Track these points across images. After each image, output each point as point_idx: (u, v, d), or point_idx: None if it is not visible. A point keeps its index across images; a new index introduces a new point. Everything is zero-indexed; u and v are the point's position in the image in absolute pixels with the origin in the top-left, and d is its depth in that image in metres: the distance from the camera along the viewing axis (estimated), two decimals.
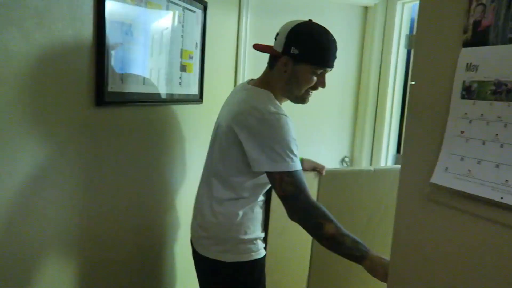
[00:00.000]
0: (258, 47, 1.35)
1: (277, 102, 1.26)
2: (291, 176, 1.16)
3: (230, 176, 1.27)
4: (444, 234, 0.79)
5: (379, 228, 1.57)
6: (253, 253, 1.31)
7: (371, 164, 2.38)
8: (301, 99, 1.31)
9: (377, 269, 1.09)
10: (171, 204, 1.64)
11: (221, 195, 1.29)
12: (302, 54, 1.22)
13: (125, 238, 1.39)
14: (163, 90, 1.47)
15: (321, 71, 1.26)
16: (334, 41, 1.27)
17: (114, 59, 1.19)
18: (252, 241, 1.32)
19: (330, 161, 2.39)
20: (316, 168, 1.54)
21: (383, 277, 1.07)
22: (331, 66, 1.27)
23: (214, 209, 1.31)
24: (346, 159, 2.42)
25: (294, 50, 1.22)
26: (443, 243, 0.79)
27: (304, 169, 1.45)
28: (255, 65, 2.08)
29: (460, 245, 0.76)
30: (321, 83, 1.28)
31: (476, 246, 0.73)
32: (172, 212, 1.64)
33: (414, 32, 2.22)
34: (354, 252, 1.12)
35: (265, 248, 1.36)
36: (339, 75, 2.32)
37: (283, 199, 1.18)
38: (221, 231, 1.30)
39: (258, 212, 1.35)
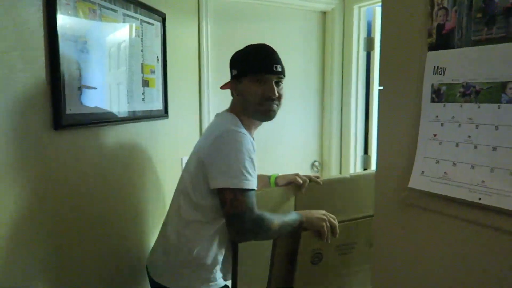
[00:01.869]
0: (222, 87, 1.44)
1: (239, 122, 1.29)
2: (244, 194, 1.16)
3: (197, 198, 1.26)
4: (424, 237, 0.79)
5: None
6: (210, 282, 1.29)
7: (340, 167, 2.41)
8: (263, 113, 1.31)
9: (313, 222, 1.25)
10: (144, 227, 1.57)
11: (187, 216, 1.28)
12: (239, 71, 1.32)
13: (96, 269, 1.31)
14: (125, 108, 1.41)
15: (261, 79, 1.28)
16: (267, 49, 1.33)
17: (70, 79, 1.12)
18: (210, 268, 1.29)
19: (300, 166, 2.39)
20: (290, 181, 1.46)
21: (320, 224, 1.24)
22: (268, 71, 1.28)
23: (179, 231, 1.29)
24: (316, 163, 2.43)
25: (234, 72, 1.35)
26: (424, 246, 0.79)
27: (279, 185, 1.47)
28: (219, 75, 2.05)
29: (440, 247, 0.76)
30: (269, 90, 1.28)
31: (457, 247, 0.73)
32: (145, 236, 1.58)
33: (372, 34, 2.28)
34: (294, 224, 1.23)
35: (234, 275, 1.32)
36: (303, 80, 2.33)
37: (232, 217, 1.17)
38: (181, 255, 1.28)
39: (224, 240, 1.32)
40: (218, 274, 1.33)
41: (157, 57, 1.60)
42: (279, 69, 1.30)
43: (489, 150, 0.67)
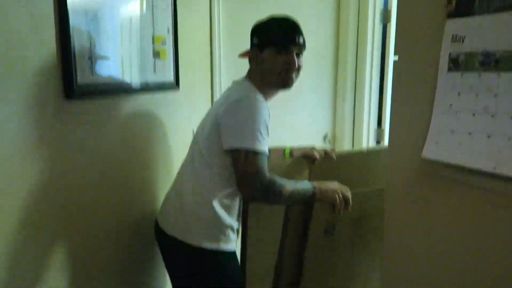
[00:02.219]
0: (241, 56, 1.46)
1: (256, 90, 1.31)
2: (256, 156, 1.19)
3: (210, 157, 1.29)
4: (438, 207, 0.78)
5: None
6: (221, 243, 1.31)
7: (353, 140, 2.39)
8: (281, 83, 1.35)
9: (326, 193, 1.26)
10: (154, 196, 1.60)
11: (201, 174, 1.31)
12: (261, 41, 1.35)
13: (105, 234, 1.34)
14: (136, 79, 1.41)
15: (283, 50, 1.31)
16: (291, 21, 1.35)
17: (81, 49, 1.12)
18: (223, 228, 1.31)
19: (312, 139, 2.38)
20: (305, 153, 1.48)
21: (333, 197, 1.25)
22: (291, 43, 1.32)
23: (192, 187, 1.32)
24: (329, 136, 2.42)
25: (255, 41, 1.37)
26: (437, 216, 0.79)
27: (293, 157, 1.51)
28: (231, 46, 2.03)
29: (454, 217, 0.76)
30: (290, 61, 1.32)
31: (471, 216, 0.73)
32: (154, 202, 1.60)
33: (389, 7, 2.20)
34: (307, 193, 1.24)
35: (244, 252, 1.35)
36: (317, 52, 2.29)
37: (243, 178, 1.20)
38: (193, 210, 1.31)
39: (235, 202, 1.35)
40: (231, 237, 1.34)
41: (168, 28, 1.58)
42: (301, 41, 1.34)
43: (507, 119, 0.65)
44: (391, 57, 2.21)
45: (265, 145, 1.22)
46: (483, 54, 0.68)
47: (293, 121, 2.28)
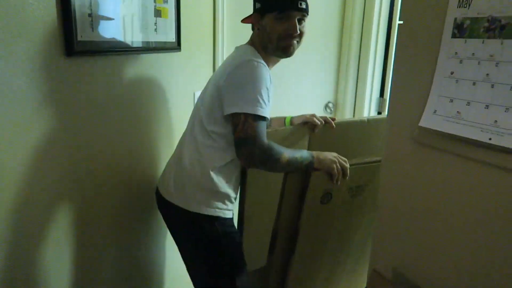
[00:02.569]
0: (244, 21, 1.45)
1: (258, 55, 1.30)
2: (256, 120, 1.19)
3: (209, 126, 1.30)
4: (433, 176, 0.79)
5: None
6: (217, 210, 1.34)
7: (354, 109, 2.38)
8: (282, 50, 1.32)
9: (324, 163, 1.25)
10: (154, 156, 1.61)
11: (201, 141, 1.31)
12: (262, 6, 1.32)
13: (108, 191, 1.37)
14: (138, 38, 1.39)
15: (284, 16, 1.28)
16: None
17: (81, 5, 1.10)
18: (220, 196, 1.34)
19: (314, 106, 2.37)
20: (306, 121, 1.48)
21: (329, 167, 1.25)
22: (292, 8, 1.28)
23: (191, 156, 1.34)
24: (330, 105, 2.41)
25: (257, 5, 1.34)
26: (432, 186, 0.79)
27: (294, 124, 1.50)
28: (235, 9, 1.98)
29: (449, 187, 0.76)
30: (291, 27, 1.29)
31: (466, 187, 0.73)
32: (155, 165, 1.62)
33: None
34: (305, 162, 1.25)
35: (241, 215, 1.37)
36: (321, 17, 2.23)
37: (241, 141, 1.20)
38: (193, 177, 1.33)
39: (233, 171, 1.36)
40: (228, 205, 1.37)
41: None
42: (303, 6, 1.29)
43: (506, 90, 0.65)
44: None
45: (265, 109, 1.21)
46: (488, 20, 0.67)
47: (295, 88, 2.26)
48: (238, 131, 1.20)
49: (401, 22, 0.84)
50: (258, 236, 1.47)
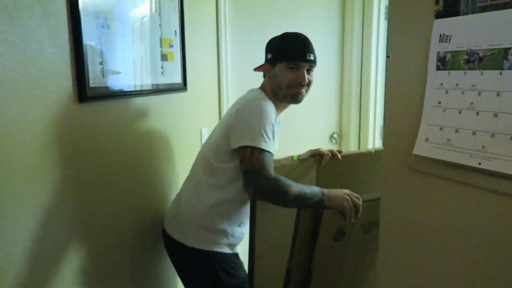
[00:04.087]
0: (256, 69, 1.54)
1: (266, 96, 1.39)
2: (261, 153, 1.25)
3: (214, 162, 1.37)
4: (428, 201, 0.81)
5: None
6: (214, 245, 1.38)
7: (359, 138, 2.41)
8: (292, 97, 1.41)
9: (335, 200, 1.24)
10: (162, 195, 1.65)
11: (202, 179, 1.39)
12: (274, 56, 1.42)
13: (116, 231, 1.40)
14: (147, 81, 1.47)
15: (294, 66, 1.38)
16: (303, 38, 1.41)
17: (93, 54, 1.18)
18: (216, 232, 1.38)
19: (319, 138, 2.41)
20: (313, 154, 1.52)
21: (341, 204, 1.23)
22: (301, 59, 1.38)
23: (190, 191, 1.42)
24: (335, 135, 2.45)
25: (269, 56, 1.45)
26: (427, 210, 0.82)
27: (302, 158, 1.54)
28: (238, 49, 2.07)
29: (443, 211, 0.79)
30: (300, 77, 1.38)
31: (459, 210, 0.76)
32: (163, 202, 1.66)
33: None
34: (315, 199, 1.25)
35: (251, 260, 1.38)
36: (322, 51, 2.31)
37: (248, 173, 1.25)
38: (188, 215, 1.40)
39: (230, 208, 1.40)
40: (225, 240, 1.40)
41: (175, 31, 1.63)
42: (312, 58, 1.40)
43: (490, 116, 0.68)
44: None
45: (269, 143, 1.27)
46: (467, 53, 0.71)
47: (299, 121, 2.31)
48: (245, 164, 1.25)
49: (389, 56, 0.89)
50: (270, 274, 1.45)
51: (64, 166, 1.13)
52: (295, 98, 1.41)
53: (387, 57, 0.89)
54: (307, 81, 1.39)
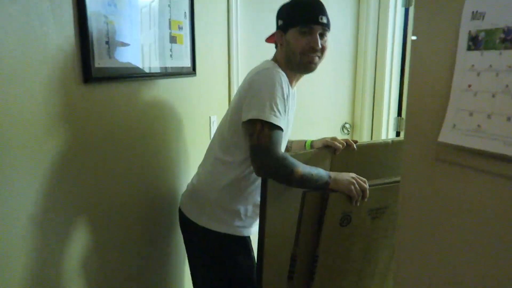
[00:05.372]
0: (267, 40, 1.47)
1: (278, 66, 1.32)
2: (271, 129, 1.20)
3: (229, 137, 1.33)
4: (454, 193, 0.76)
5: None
6: (226, 227, 1.36)
7: (372, 129, 2.35)
8: (304, 65, 1.34)
9: (341, 183, 1.22)
10: (171, 180, 1.62)
11: (218, 156, 1.36)
12: (285, 22, 1.34)
13: (125, 215, 1.37)
14: (155, 64, 1.42)
15: (306, 29, 1.30)
16: (314, 1, 1.33)
17: (98, 33, 1.13)
18: (229, 213, 1.36)
19: (331, 128, 2.35)
20: (326, 144, 1.45)
21: (347, 188, 1.21)
22: (313, 21, 1.30)
23: (207, 169, 1.39)
24: (347, 125, 2.39)
25: (279, 22, 1.37)
26: (453, 203, 0.76)
27: (314, 147, 1.49)
28: (249, 32, 2.01)
29: (472, 204, 0.73)
30: (313, 41, 1.31)
31: (489, 203, 0.70)
32: (174, 188, 1.62)
33: None
34: (321, 181, 1.22)
35: (261, 248, 1.35)
36: (335, 37, 2.25)
37: (255, 149, 1.21)
38: (203, 193, 1.38)
39: (245, 188, 1.36)
40: (236, 222, 1.38)
41: (185, 12, 1.58)
42: (324, 20, 1.32)
43: None
44: None
45: (280, 118, 1.22)
46: (504, 31, 0.65)
47: (311, 111, 2.25)
48: (253, 139, 1.21)
49: (415, 37, 0.83)
50: (279, 262, 1.43)
51: (68, 148, 1.09)
52: (309, 65, 1.34)
53: (412, 38, 0.83)
54: (320, 46, 1.32)
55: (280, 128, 1.22)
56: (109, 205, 1.28)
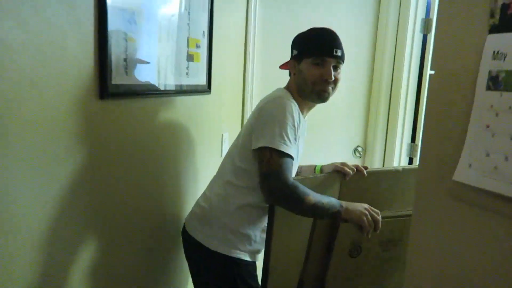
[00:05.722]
0: (281, 67, 1.48)
1: (290, 96, 1.33)
2: (281, 157, 1.20)
3: (240, 163, 1.33)
4: (467, 234, 0.74)
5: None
6: (235, 251, 1.34)
7: (384, 154, 2.32)
8: (317, 94, 1.35)
9: (353, 214, 1.20)
10: (180, 197, 1.61)
11: (228, 180, 1.35)
12: (299, 52, 1.36)
13: (133, 231, 1.36)
14: (170, 81, 1.43)
15: (320, 61, 1.31)
16: (330, 32, 1.35)
17: (117, 50, 1.15)
18: (240, 236, 1.34)
19: (343, 150, 2.34)
20: (337, 169, 1.43)
21: (359, 219, 1.19)
22: (328, 54, 1.31)
23: (217, 193, 1.38)
24: (359, 149, 2.36)
25: (294, 52, 1.38)
26: (466, 245, 0.74)
27: (324, 172, 1.48)
28: (265, 54, 2.02)
29: (485, 247, 0.71)
30: (326, 73, 1.31)
31: (504, 248, 0.68)
32: (183, 205, 1.62)
33: (430, 16, 2.13)
34: (332, 210, 1.20)
35: (265, 272, 1.32)
36: (351, 60, 2.24)
37: (265, 176, 1.20)
38: (214, 215, 1.36)
39: (256, 214, 1.36)
40: (247, 247, 1.36)
41: (203, 32, 1.60)
42: (339, 53, 1.32)
43: None
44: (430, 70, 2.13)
45: (290, 147, 1.21)
46: None
47: (323, 133, 2.24)
48: (263, 166, 1.21)
49: (433, 72, 0.82)
50: (284, 285, 1.40)
51: (81, 162, 1.10)
52: (321, 95, 1.34)
53: (430, 73, 0.82)
54: (333, 78, 1.32)
55: (290, 156, 1.21)
56: (119, 219, 1.28)
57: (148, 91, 1.32)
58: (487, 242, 0.70)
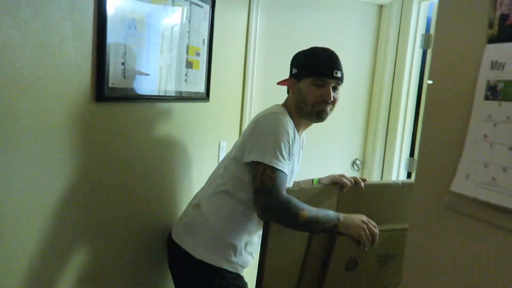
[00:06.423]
0: (279, 83, 1.49)
1: (286, 113, 1.33)
2: (274, 172, 1.19)
3: (235, 170, 1.32)
4: (465, 246, 0.72)
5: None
6: (220, 260, 1.33)
7: (383, 168, 2.31)
8: (316, 115, 1.35)
9: (351, 227, 1.19)
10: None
11: (218, 188, 1.35)
12: (299, 71, 1.35)
13: (126, 236, 1.34)
14: (168, 87, 1.43)
15: (320, 82, 1.31)
16: (331, 54, 1.35)
17: (116, 54, 1.15)
18: (225, 245, 1.33)
19: (341, 163, 2.32)
20: (335, 180, 1.40)
21: (357, 232, 1.18)
22: (328, 76, 1.31)
23: (206, 200, 1.37)
24: (358, 162, 2.35)
25: (294, 70, 1.38)
26: (463, 257, 0.72)
27: (323, 183, 1.46)
28: (266, 65, 2.02)
29: (482, 259, 0.69)
30: (325, 94, 1.32)
31: (502, 260, 0.66)
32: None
33: (431, 31, 2.14)
34: (329, 224, 1.19)
35: (260, 278, 1.30)
36: (351, 74, 2.25)
37: (258, 192, 1.20)
38: (201, 222, 1.35)
39: (244, 224, 1.35)
40: (232, 258, 1.35)
41: (203, 40, 1.60)
42: (339, 75, 1.33)
43: None
44: None
45: (283, 162, 1.21)
46: None
47: (322, 145, 2.23)
48: (256, 181, 1.20)
49: (431, 81, 0.81)
50: None
51: (74, 165, 1.09)
52: (320, 115, 1.34)
53: (428, 82, 0.81)
54: (332, 99, 1.32)
55: (283, 172, 1.21)
56: (110, 223, 1.26)
57: (145, 96, 1.32)
58: (484, 254, 0.69)
